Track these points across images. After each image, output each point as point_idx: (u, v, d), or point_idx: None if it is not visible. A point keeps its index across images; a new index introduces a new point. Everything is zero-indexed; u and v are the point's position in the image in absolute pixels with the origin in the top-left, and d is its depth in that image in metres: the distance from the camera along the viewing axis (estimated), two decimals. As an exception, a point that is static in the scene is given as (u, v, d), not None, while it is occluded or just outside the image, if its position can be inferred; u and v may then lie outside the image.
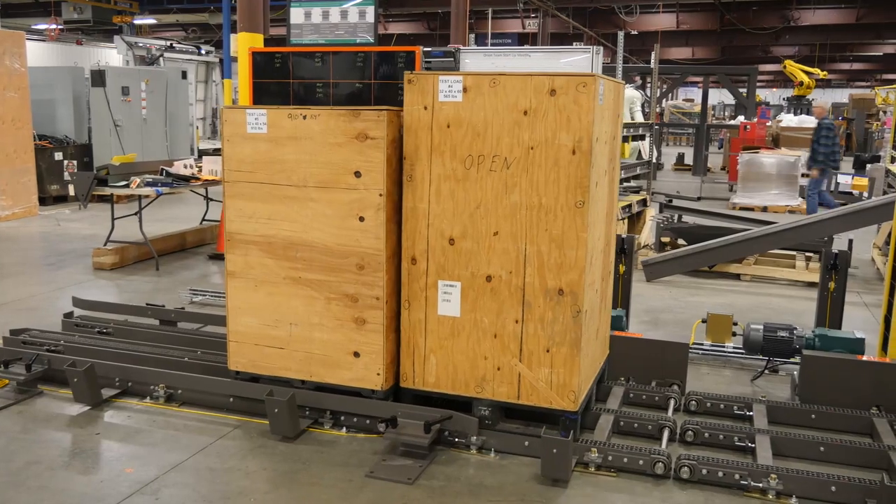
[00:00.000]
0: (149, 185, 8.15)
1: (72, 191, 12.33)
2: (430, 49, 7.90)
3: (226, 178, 4.19)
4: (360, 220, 3.94)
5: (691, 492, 3.60)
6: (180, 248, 9.13)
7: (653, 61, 14.10)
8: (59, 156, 12.63)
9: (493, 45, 19.77)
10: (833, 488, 3.48)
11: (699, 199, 14.02)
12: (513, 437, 3.92)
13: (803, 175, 12.16)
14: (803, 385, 4.56)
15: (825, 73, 24.97)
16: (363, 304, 4.01)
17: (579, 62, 6.99)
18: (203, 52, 18.27)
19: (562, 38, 23.23)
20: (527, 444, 3.87)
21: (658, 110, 23.43)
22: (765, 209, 13.55)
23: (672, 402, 4.45)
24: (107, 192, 8.08)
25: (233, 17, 11.69)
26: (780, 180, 13.62)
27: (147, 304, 6.01)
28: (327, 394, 4.15)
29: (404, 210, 3.97)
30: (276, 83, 5.19)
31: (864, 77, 42.21)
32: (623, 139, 7.97)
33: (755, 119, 19.18)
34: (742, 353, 5.33)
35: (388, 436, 3.88)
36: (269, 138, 4.05)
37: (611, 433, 4.07)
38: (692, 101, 37.88)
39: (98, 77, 12.79)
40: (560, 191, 3.68)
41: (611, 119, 4.06)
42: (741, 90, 21.24)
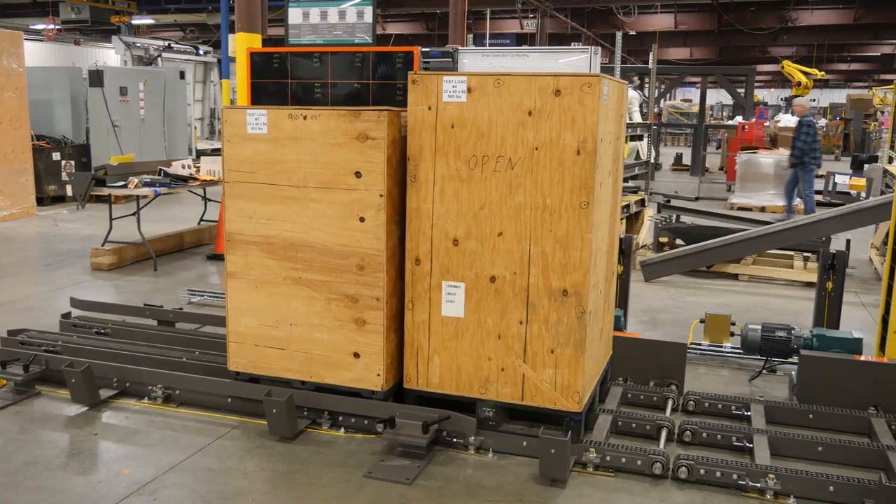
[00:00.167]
0: (147, 185, 8.15)
1: (70, 191, 12.34)
2: (428, 49, 7.89)
3: (226, 178, 4.19)
4: (361, 220, 3.94)
5: (689, 492, 3.61)
6: (178, 248, 9.13)
7: (651, 62, 14.14)
8: (56, 156, 12.62)
9: (491, 45, 19.78)
10: (831, 488, 3.49)
11: (697, 199, 14.06)
12: (511, 437, 3.92)
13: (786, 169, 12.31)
14: (801, 385, 4.56)
15: (823, 73, 24.97)
16: (363, 304, 4.01)
17: (577, 62, 6.98)
18: (201, 52, 18.27)
19: (560, 39, 23.22)
20: (525, 444, 3.87)
21: (656, 110, 23.44)
22: (763, 209, 13.57)
23: (670, 402, 4.46)
24: (105, 192, 8.08)
25: (231, 18, 11.67)
26: (778, 180, 13.62)
27: (145, 304, 6.01)
28: (326, 394, 4.15)
29: (408, 211, 3.97)
30: (275, 83, 5.19)
31: (861, 77, 42.25)
32: (621, 139, 7.94)
33: (753, 119, 19.19)
34: (740, 353, 5.34)
35: (386, 436, 3.88)
36: (270, 139, 4.05)
37: (609, 433, 4.07)
38: (690, 101, 37.93)
39: (96, 77, 12.78)
40: (564, 191, 3.68)
41: (614, 119, 4.05)
42: (739, 90, 21.26)
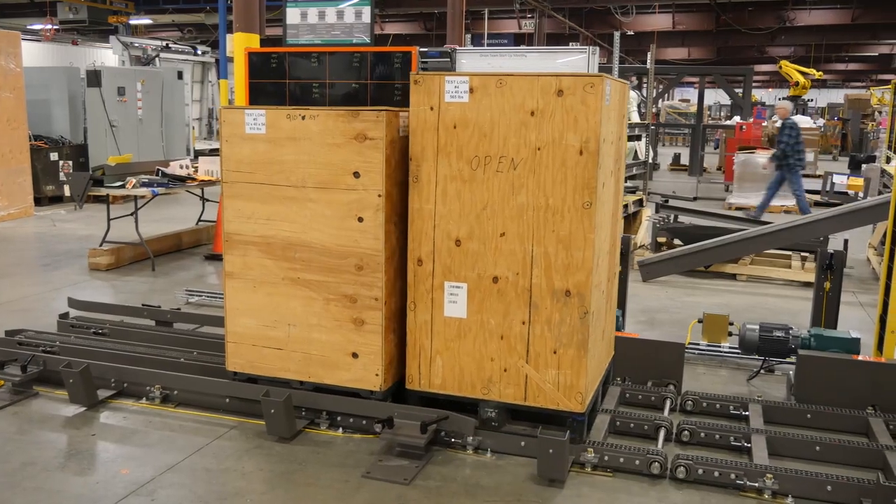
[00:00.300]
0: (145, 185, 8.14)
1: (67, 191, 12.30)
2: (426, 49, 7.90)
3: (224, 178, 4.19)
4: (359, 220, 3.94)
5: (687, 492, 3.61)
6: (176, 248, 9.12)
7: (649, 62, 14.13)
8: (54, 156, 12.61)
9: (489, 45, 19.80)
10: (829, 488, 3.49)
11: (695, 199, 14.08)
12: (509, 437, 3.92)
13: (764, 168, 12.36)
14: (799, 385, 4.57)
15: (821, 73, 25.02)
16: (362, 304, 4.01)
17: (575, 63, 6.98)
18: (199, 52, 18.26)
19: (558, 39, 23.24)
20: (523, 444, 3.87)
21: (654, 111, 23.44)
22: (761, 209, 13.55)
23: (668, 402, 4.46)
24: (102, 192, 8.06)
25: (229, 18, 11.66)
26: (776, 180, 13.60)
27: (143, 304, 6.01)
28: (324, 394, 4.15)
29: (410, 211, 3.96)
30: (273, 83, 5.19)
31: (859, 77, 42.31)
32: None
33: (751, 119, 19.20)
34: (738, 353, 5.34)
35: (384, 436, 3.88)
36: (268, 139, 4.05)
37: (607, 433, 4.07)
38: (688, 101, 37.96)
39: (94, 77, 12.76)
40: (567, 192, 3.68)
41: (617, 119, 4.05)
42: (737, 90, 21.26)
